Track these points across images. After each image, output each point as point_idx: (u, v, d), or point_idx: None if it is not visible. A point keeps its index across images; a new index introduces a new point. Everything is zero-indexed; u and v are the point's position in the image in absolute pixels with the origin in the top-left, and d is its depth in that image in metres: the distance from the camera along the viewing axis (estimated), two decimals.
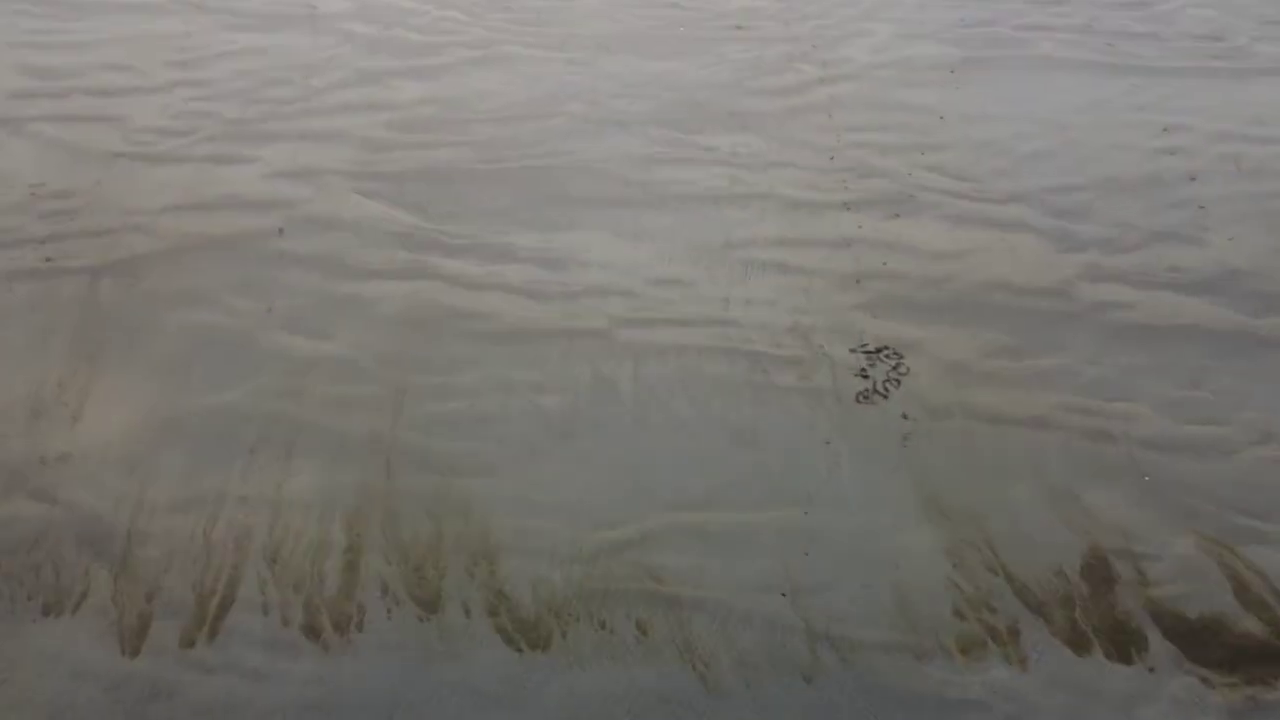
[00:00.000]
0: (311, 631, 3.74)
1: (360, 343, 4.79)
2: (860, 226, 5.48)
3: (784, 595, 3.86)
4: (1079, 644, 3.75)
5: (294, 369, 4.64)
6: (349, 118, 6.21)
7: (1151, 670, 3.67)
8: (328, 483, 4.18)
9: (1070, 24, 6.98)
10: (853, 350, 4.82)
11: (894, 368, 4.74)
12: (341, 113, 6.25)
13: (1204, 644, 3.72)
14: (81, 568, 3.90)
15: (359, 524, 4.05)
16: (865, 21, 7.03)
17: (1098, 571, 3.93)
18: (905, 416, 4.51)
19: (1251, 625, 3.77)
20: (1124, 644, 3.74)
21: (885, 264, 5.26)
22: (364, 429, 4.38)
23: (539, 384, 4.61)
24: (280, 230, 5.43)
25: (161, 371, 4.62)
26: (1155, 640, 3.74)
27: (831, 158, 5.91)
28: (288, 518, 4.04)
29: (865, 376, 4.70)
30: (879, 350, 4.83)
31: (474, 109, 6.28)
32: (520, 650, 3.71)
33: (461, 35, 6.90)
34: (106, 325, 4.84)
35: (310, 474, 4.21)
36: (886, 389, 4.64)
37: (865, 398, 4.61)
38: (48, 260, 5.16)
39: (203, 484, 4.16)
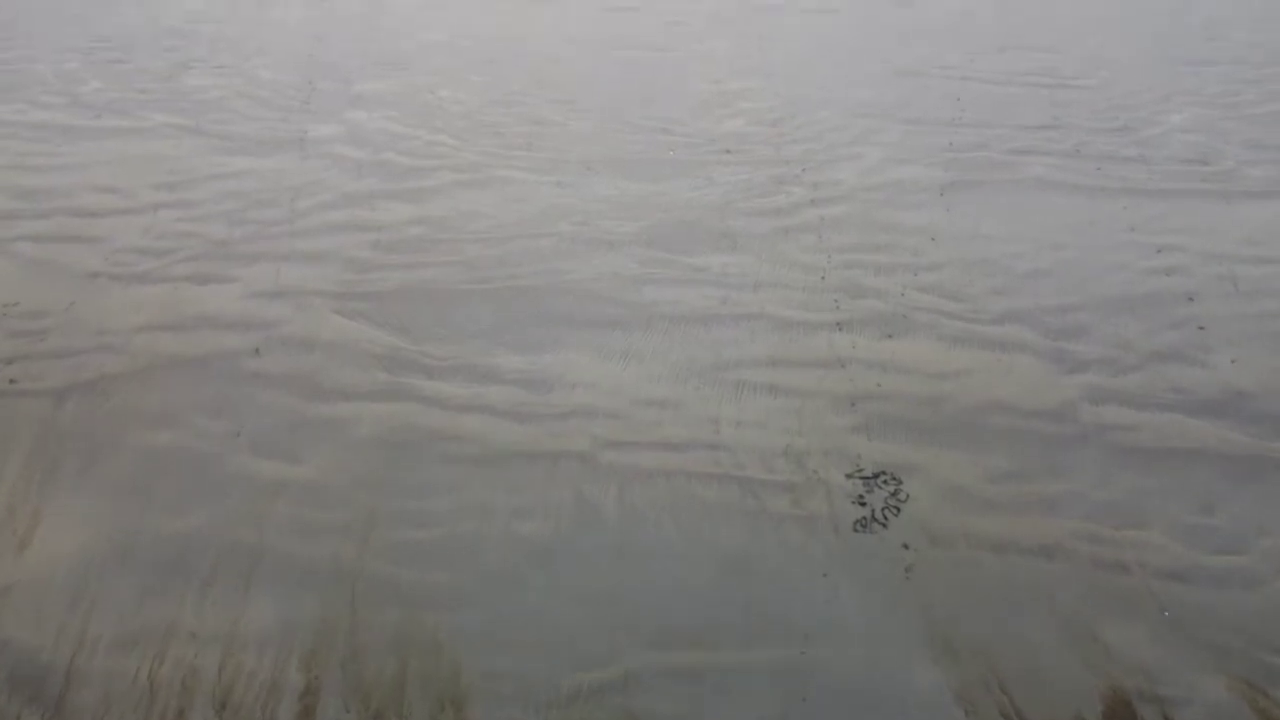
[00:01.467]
0: None
1: (331, 466, 4.62)
2: (854, 347, 5.40)
3: None
4: None
5: (259, 493, 4.45)
6: (334, 238, 6.22)
7: None
8: (286, 617, 3.93)
9: (1059, 148, 7.12)
10: (849, 475, 4.64)
11: (893, 494, 4.56)
12: (326, 234, 6.27)
13: None
14: (12, 715, 3.60)
15: (318, 663, 3.78)
16: (854, 146, 7.16)
17: (1121, 717, 3.65)
18: (906, 546, 4.30)
19: None
20: None
21: (880, 385, 5.15)
22: (329, 557, 4.16)
23: (518, 509, 4.42)
24: (256, 350, 5.34)
25: (119, 495, 4.43)
26: None
27: (823, 278, 5.89)
28: (240, 656, 3.78)
29: (863, 503, 4.51)
30: (876, 475, 4.66)
31: (461, 230, 6.30)
32: None
33: (451, 159, 7.00)
34: (66, 447, 4.68)
35: (268, 607, 3.97)
36: (886, 516, 4.45)
37: (864, 526, 4.41)
38: (11, 382, 5.05)
39: (151, 618, 3.92)
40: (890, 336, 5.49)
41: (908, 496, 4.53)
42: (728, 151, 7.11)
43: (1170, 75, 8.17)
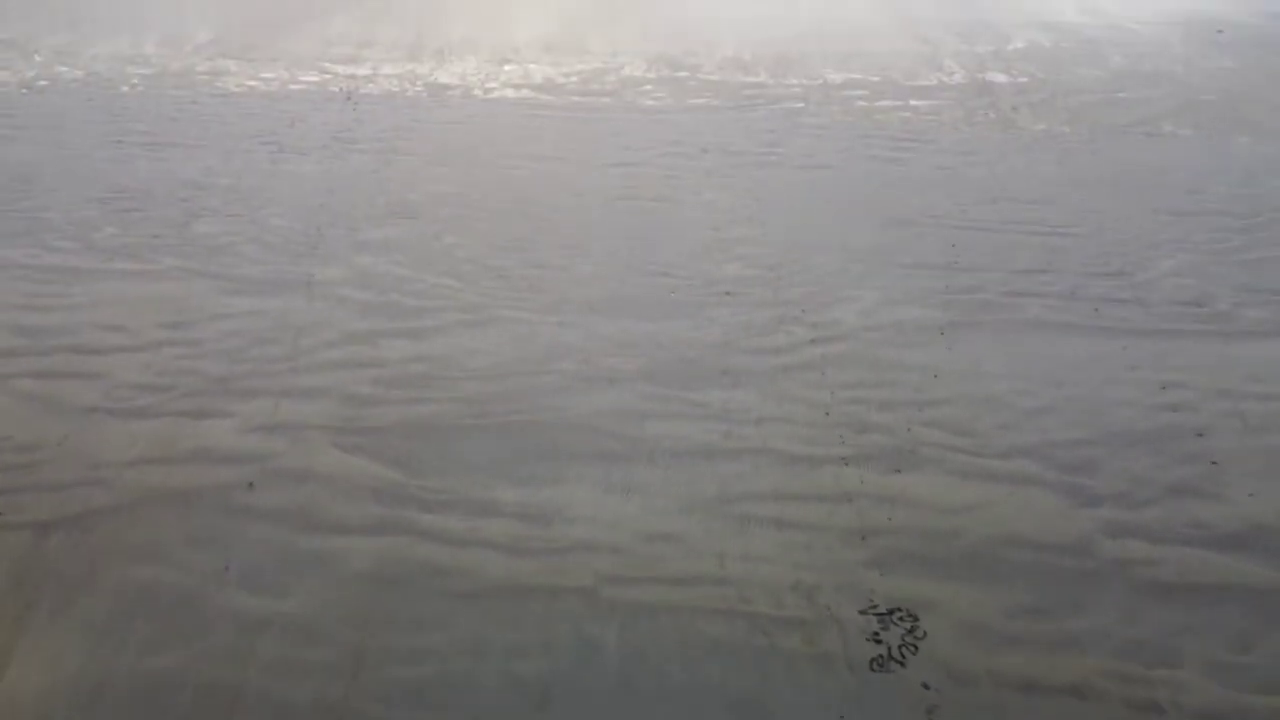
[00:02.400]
0: None
1: (321, 601, 4.45)
2: (861, 481, 5.31)
3: None
4: None
5: (243, 630, 4.26)
6: (335, 375, 6.23)
7: None
8: None
9: (1055, 290, 7.25)
10: (863, 612, 4.47)
11: (909, 631, 4.37)
12: (328, 370, 6.28)
13: None
14: None
15: None
16: (852, 289, 7.28)
17: None
18: (927, 686, 4.08)
19: None
20: None
21: (890, 519, 5.03)
22: (313, 697, 3.94)
23: (515, 646, 4.22)
24: (250, 484, 5.25)
25: (96, 632, 4.24)
26: None
27: (827, 413, 5.85)
28: None
29: (879, 641, 4.32)
30: (891, 611, 4.48)
31: (463, 367, 6.32)
32: None
33: (455, 299, 7.11)
34: (45, 582, 4.52)
35: None
36: (904, 654, 4.25)
37: (880, 665, 4.21)
38: None
39: None
40: (898, 471, 5.41)
41: (925, 634, 4.34)
42: (727, 293, 7.23)
43: (1157, 225, 8.42)
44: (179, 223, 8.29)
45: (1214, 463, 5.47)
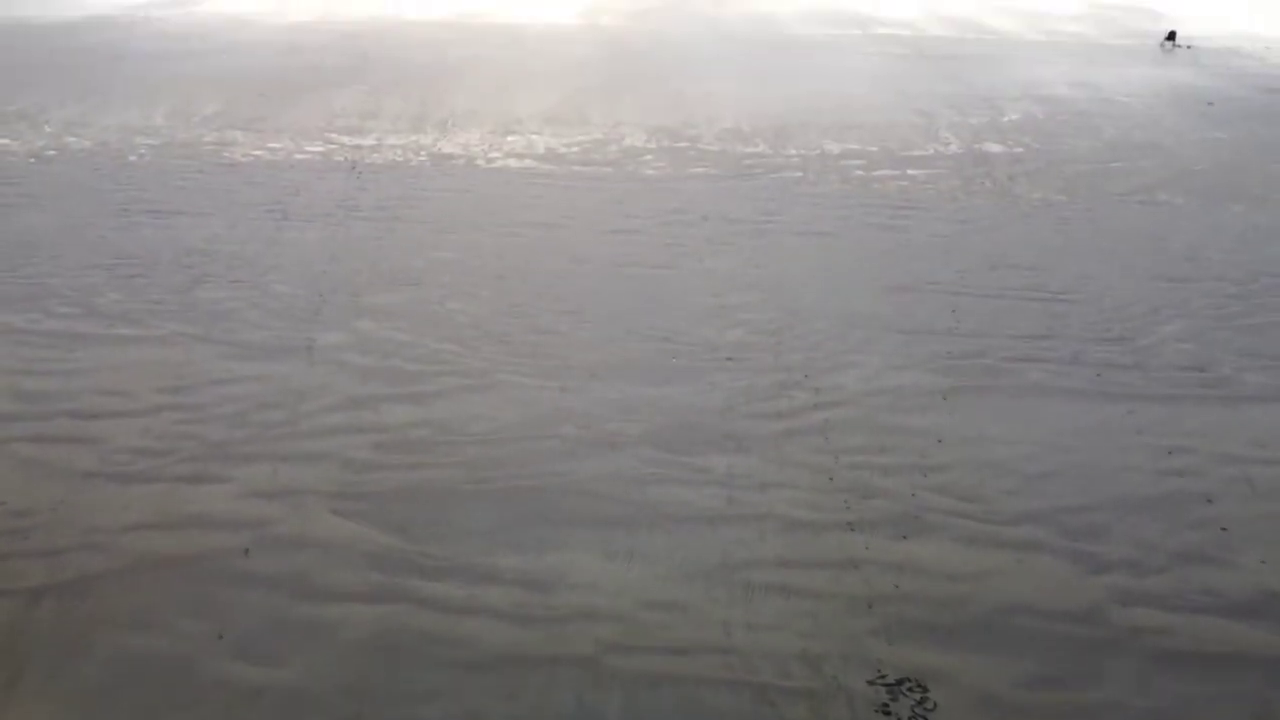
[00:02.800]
0: None
1: (316, 670, 4.36)
2: (867, 548, 5.25)
3: None
4: None
5: (236, 699, 4.17)
6: (335, 440, 6.21)
7: None
8: None
9: (1057, 356, 7.28)
10: (871, 682, 4.38)
11: (919, 702, 4.28)
12: (328, 435, 6.27)
13: None
14: None
15: None
16: (853, 354, 7.31)
17: None
18: None
19: None
20: None
21: (897, 587, 4.97)
22: None
23: (516, 718, 4.11)
24: (246, 550, 5.18)
25: (85, 702, 4.15)
26: None
27: (831, 479, 5.82)
28: None
29: (888, 712, 4.22)
30: (900, 682, 4.39)
31: (464, 432, 6.30)
32: None
33: (457, 365, 7.12)
34: (34, 650, 4.44)
35: None
36: None
37: None
38: None
39: None
40: (905, 537, 5.36)
41: (935, 705, 4.25)
42: (729, 359, 7.25)
43: (1156, 291, 8.49)
44: (182, 288, 8.35)
45: (1223, 529, 5.42)
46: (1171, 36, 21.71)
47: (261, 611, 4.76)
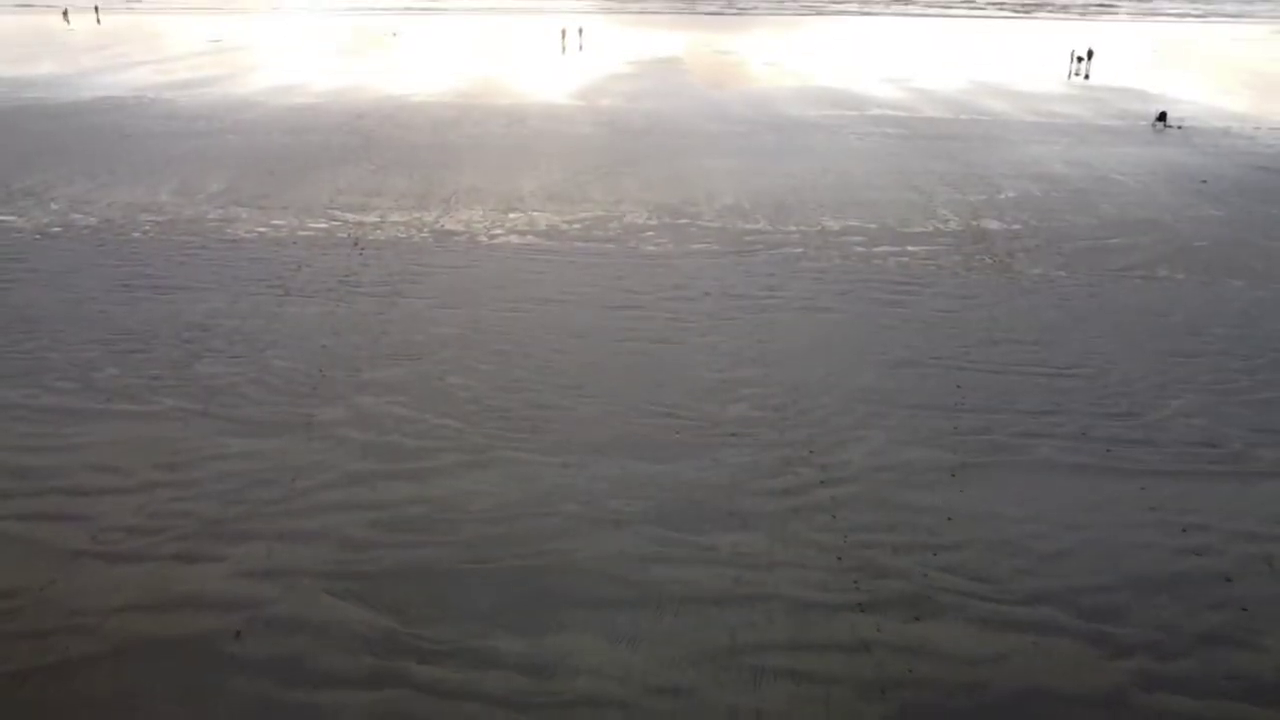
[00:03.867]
0: None
1: None
2: (878, 630, 5.11)
3: None
4: None
5: None
6: (331, 517, 6.11)
7: None
8: None
9: (1065, 431, 7.21)
10: None
11: None
12: (324, 513, 6.17)
13: None
14: None
15: None
16: (859, 430, 7.24)
17: None
18: None
19: None
20: None
21: (911, 671, 4.81)
22: None
23: None
24: (237, 633, 5.03)
25: None
26: None
27: (839, 558, 5.70)
28: None
29: None
30: None
31: (464, 509, 6.20)
32: None
33: (456, 440, 7.05)
34: None
35: None
36: None
37: None
38: None
39: None
40: (917, 619, 5.21)
41: None
42: (733, 434, 7.18)
43: (1162, 365, 8.46)
44: (181, 364, 8.31)
45: (1244, 609, 5.27)
46: (1162, 117, 22.16)
47: (251, 698, 4.59)
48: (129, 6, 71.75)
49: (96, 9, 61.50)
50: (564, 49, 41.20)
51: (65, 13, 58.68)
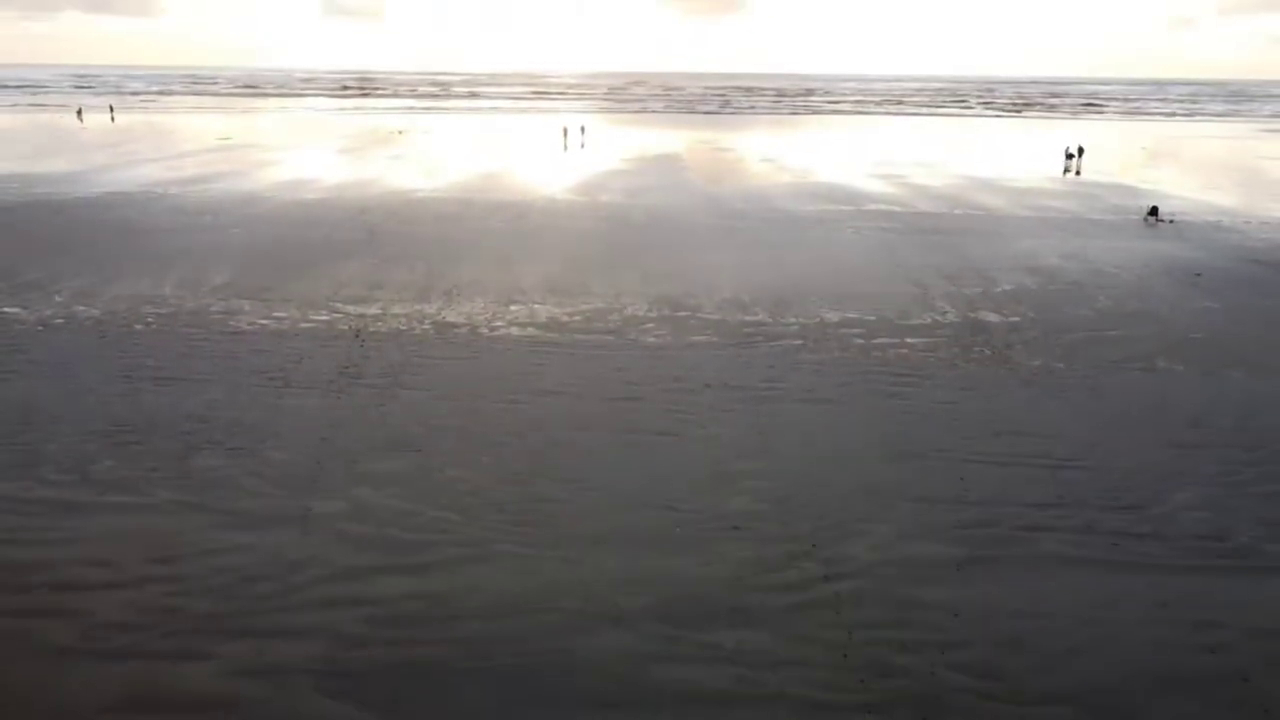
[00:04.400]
0: None
1: None
2: None
3: None
4: None
5: None
6: (325, 613, 6.00)
7: None
8: None
9: (1070, 525, 7.15)
10: None
11: None
12: (318, 609, 6.06)
13: None
14: None
15: None
16: (863, 523, 7.17)
17: None
18: None
19: None
20: None
21: None
22: None
23: None
24: None
25: None
26: None
27: (845, 655, 5.58)
28: None
29: None
30: None
31: (461, 605, 6.10)
32: None
33: (455, 534, 6.97)
34: None
35: None
36: None
37: None
38: None
39: None
40: None
41: None
42: (735, 528, 7.10)
43: (1165, 458, 8.44)
44: (178, 455, 8.27)
45: (1266, 710, 5.13)
46: (1154, 212, 22.60)
47: None
48: (143, 104, 73.85)
49: (111, 107, 63.34)
50: (565, 146, 42.29)
51: (79, 111, 60.42)
